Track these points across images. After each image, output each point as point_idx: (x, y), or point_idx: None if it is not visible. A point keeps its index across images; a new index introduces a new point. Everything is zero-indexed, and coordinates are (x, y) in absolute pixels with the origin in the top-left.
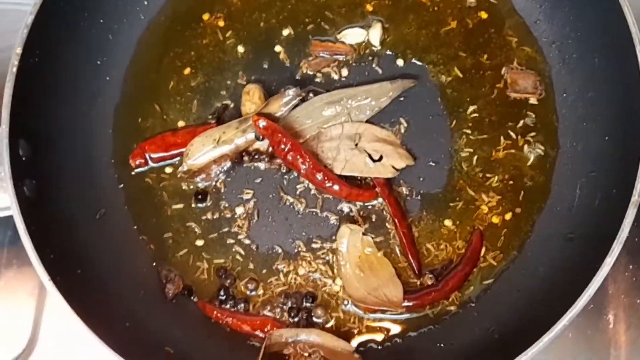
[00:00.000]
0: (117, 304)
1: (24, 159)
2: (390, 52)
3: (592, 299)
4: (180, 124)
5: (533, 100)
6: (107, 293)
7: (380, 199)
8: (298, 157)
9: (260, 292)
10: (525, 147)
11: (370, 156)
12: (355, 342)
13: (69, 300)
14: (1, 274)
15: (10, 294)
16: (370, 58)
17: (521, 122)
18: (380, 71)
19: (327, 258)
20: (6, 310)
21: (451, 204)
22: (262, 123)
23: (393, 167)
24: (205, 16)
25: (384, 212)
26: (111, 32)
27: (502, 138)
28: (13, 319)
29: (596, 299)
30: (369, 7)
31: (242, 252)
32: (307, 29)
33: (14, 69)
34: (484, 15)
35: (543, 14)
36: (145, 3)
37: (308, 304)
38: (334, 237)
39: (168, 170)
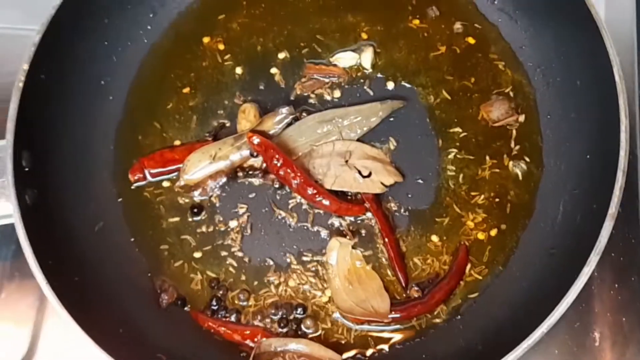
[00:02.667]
0: (113, 310)
1: (27, 169)
2: (381, 75)
3: (579, 317)
4: (179, 141)
5: (521, 118)
6: (103, 300)
7: (369, 214)
8: (290, 172)
9: (252, 303)
10: (510, 165)
11: (359, 172)
12: (344, 353)
13: (65, 304)
14: (3, 286)
15: (11, 305)
16: (361, 80)
17: (507, 143)
18: (371, 93)
19: (317, 270)
20: (6, 322)
21: (438, 220)
22: (256, 140)
23: (382, 184)
24: (206, 39)
25: (373, 227)
26: (115, 54)
27: (487, 157)
28: (13, 330)
29: (582, 318)
30: (363, 34)
31: (235, 264)
32: (302, 53)
33: (20, 84)
34: (471, 40)
35: (528, 39)
36: (149, 27)
37: (298, 315)
38: (324, 251)
39: (165, 184)
